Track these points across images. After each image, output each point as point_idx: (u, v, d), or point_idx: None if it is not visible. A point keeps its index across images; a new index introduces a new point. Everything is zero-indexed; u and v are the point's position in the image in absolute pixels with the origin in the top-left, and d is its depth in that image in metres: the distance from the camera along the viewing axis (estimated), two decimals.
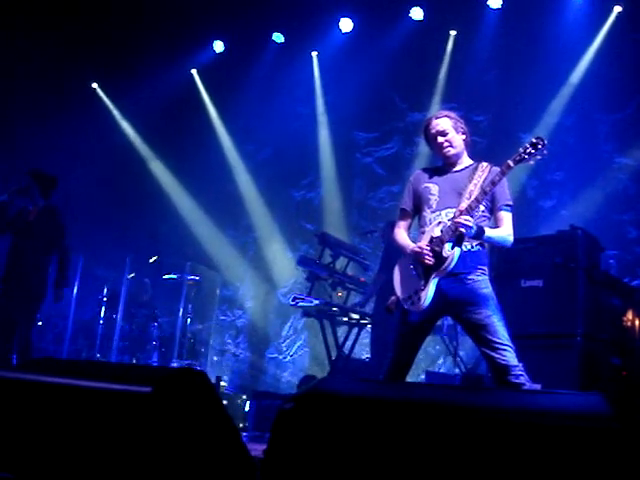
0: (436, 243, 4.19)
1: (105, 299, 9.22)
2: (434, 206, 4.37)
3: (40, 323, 8.93)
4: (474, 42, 9.74)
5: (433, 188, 4.43)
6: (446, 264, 4.14)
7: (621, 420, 1.96)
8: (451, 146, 4.46)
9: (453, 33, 9.98)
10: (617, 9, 8.81)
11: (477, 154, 4.58)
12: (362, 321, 7.76)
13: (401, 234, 4.55)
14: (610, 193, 8.73)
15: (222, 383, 9.00)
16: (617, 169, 8.84)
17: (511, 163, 4.10)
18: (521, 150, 4.11)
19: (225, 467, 2.37)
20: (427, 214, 4.39)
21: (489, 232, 4.24)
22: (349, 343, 7.78)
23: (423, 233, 4.35)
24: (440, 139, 4.46)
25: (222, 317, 11.34)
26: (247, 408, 8.07)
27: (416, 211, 4.55)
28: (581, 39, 9.05)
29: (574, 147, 8.99)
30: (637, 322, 6.16)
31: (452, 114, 4.56)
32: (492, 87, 9.68)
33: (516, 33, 9.31)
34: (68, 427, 2.59)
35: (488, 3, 9.42)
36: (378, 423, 2.12)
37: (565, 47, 9.04)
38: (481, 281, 4.23)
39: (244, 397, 8.43)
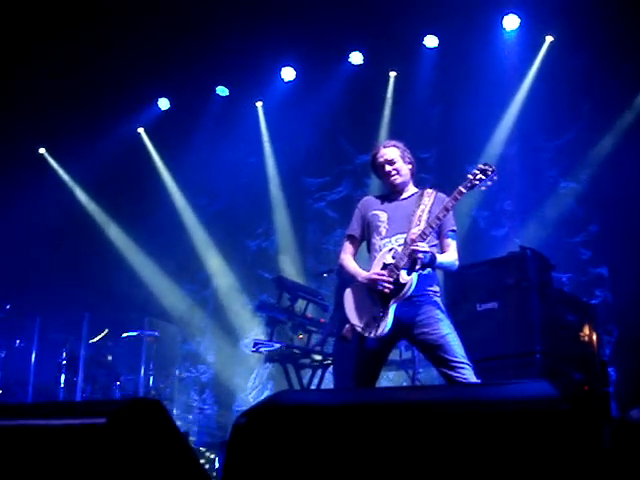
0: (390, 269, 4.22)
1: (64, 362, 9.07)
2: (383, 233, 4.42)
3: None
4: (414, 81, 9.93)
5: (382, 215, 4.49)
6: (405, 290, 4.17)
7: (569, 401, 1.98)
8: (399, 174, 4.54)
9: (393, 74, 10.17)
10: (549, 39, 9.05)
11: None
12: (325, 362, 7.72)
13: (349, 260, 4.58)
14: (559, 217, 8.92)
15: (190, 438, 8.86)
16: (563, 194, 9.04)
17: (463, 189, 4.19)
18: (471, 177, 4.22)
19: None
20: (377, 241, 4.44)
21: (440, 258, 4.32)
22: (314, 386, 7.73)
23: (373, 259, 4.39)
24: (388, 167, 4.54)
25: (186, 373, 11.20)
26: (217, 464, 7.89)
27: (363, 238, 4.60)
28: (517, 69, 9.29)
29: (520, 175, 9.16)
30: (594, 337, 6.24)
31: (399, 144, 4.66)
32: (436, 123, 9.91)
33: (455, 69, 9.51)
34: (24, 468, 2.55)
35: (424, 43, 9.61)
36: (331, 429, 2.12)
37: (503, 79, 9.26)
38: (434, 302, 4.29)
39: (212, 455, 8.21)
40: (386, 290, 4.21)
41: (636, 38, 8.19)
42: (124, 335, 9.31)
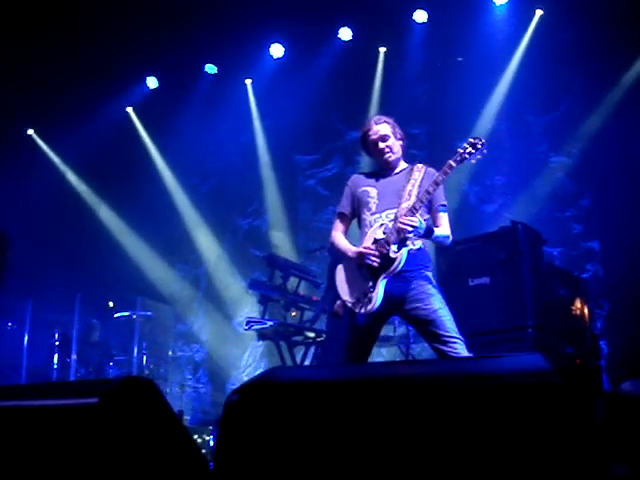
0: (381, 244, 4.22)
1: (57, 343, 9.06)
2: (373, 209, 4.41)
3: None
4: (404, 57, 9.87)
5: (372, 191, 4.48)
6: (395, 265, 4.17)
7: (561, 374, 1.98)
8: (392, 152, 4.52)
9: (383, 50, 10.11)
10: (539, 12, 9.01)
11: None
12: (318, 338, 7.73)
13: (340, 237, 4.57)
14: (550, 192, 8.93)
15: (185, 417, 8.88)
16: (554, 168, 9.04)
17: (453, 163, 4.18)
18: (461, 150, 4.20)
19: (177, 467, 2.34)
20: (367, 217, 4.43)
21: (436, 231, 4.31)
22: (307, 363, 7.75)
23: (364, 235, 4.38)
24: (381, 145, 4.51)
25: (180, 353, 11.22)
26: (212, 443, 7.91)
27: (354, 215, 4.59)
28: (507, 44, 9.25)
29: (510, 150, 9.17)
30: (586, 310, 6.26)
31: (390, 120, 4.62)
32: (426, 99, 9.87)
33: (444, 44, 9.49)
34: (17, 448, 2.55)
35: (414, 18, 9.54)
36: (324, 405, 2.12)
37: (492, 54, 9.22)
38: (425, 277, 4.28)
39: (206, 434, 8.21)
40: (374, 264, 4.20)
41: (626, 12, 8.15)
42: (116, 315, 9.31)
